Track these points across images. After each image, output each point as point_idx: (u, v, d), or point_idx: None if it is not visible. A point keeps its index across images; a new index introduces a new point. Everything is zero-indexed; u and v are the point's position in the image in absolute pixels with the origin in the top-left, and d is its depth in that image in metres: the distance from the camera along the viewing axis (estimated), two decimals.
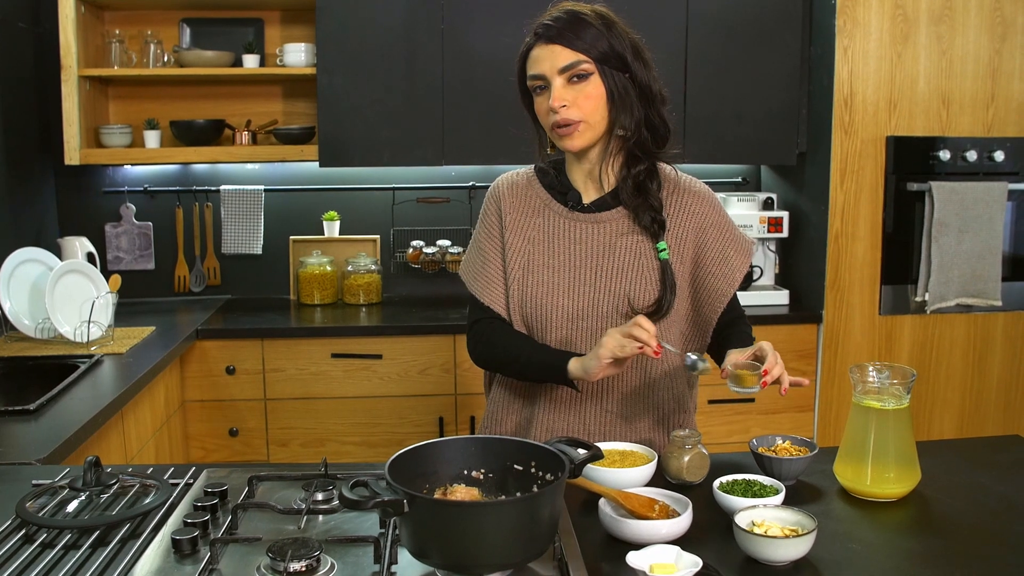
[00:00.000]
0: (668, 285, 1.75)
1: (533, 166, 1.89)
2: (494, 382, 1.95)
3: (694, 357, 1.68)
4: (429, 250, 3.79)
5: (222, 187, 3.76)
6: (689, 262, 1.81)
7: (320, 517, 1.42)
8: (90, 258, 3.34)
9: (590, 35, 1.67)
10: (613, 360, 1.62)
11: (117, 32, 3.54)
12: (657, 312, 1.75)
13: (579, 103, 1.68)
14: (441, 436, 3.26)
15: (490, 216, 1.87)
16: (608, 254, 1.78)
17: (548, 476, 1.32)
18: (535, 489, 1.31)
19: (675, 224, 1.79)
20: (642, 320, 1.60)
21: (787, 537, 1.29)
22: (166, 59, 3.59)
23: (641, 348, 1.58)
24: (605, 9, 1.73)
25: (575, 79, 1.68)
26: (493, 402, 1.93)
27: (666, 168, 1.82)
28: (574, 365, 1.69)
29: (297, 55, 3.53)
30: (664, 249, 1.76)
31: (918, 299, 3.46)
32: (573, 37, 1.66)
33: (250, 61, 3.55)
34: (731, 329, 1.83)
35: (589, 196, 1.82)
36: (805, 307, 3.58)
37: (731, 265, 1.81)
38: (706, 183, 1.85)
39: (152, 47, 3.55)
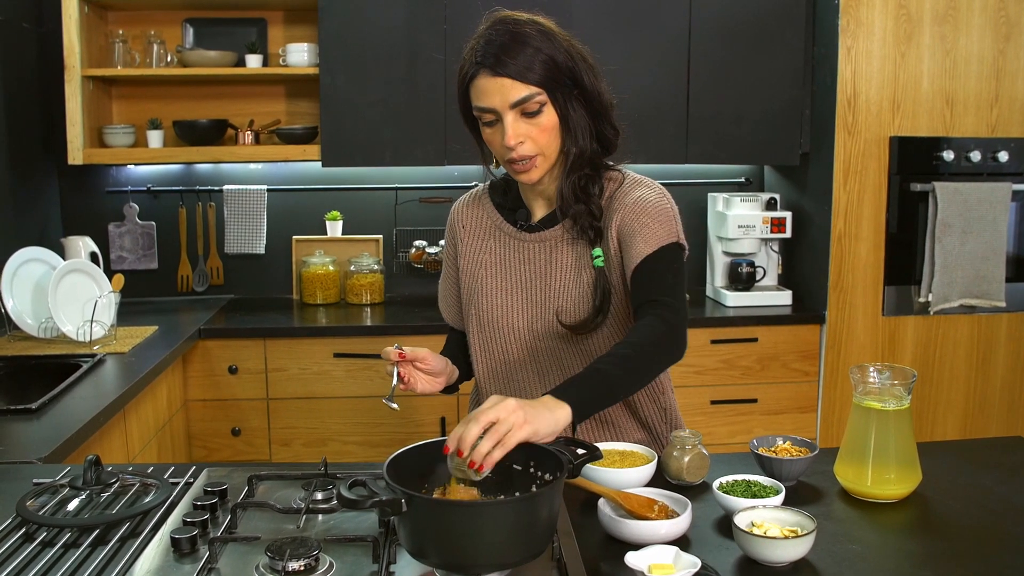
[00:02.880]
0: (600, 294, 1.68)
1: (488, 183, 1.86)
2: (471, 408, 1.94)
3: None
4: (432, 250, 3.79)
5: (225, 187, 3.76)
6: (620, 266, 1.71)
7: (319, 516, 1.42)
8: (93, 258, 3.34)
9: (536, 59, 1.56)
10: None
11: (120, 32, 3.55)
12: (585, 326, 1.68)
13: (534, 136, 1.60)
14: (443, 436, 3.26)
15: (448, 242, 1.92)
16: (552, 272, 1.74)
17: (547, 476, 1.31)
18: (534, 489, 1.31)
19: (607, 228, 1.70)
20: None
21: (786, 538, 1.29)
22: (169, 59, 3.60)
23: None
24: (542, 19, 1.64)
25: (528, 113, 1.59)
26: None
27: (614, 173, 1.74)
28: None
29: (300, 55, 3.53)
30: (598, 256, 1.68)
31: (921, 300, 3.46)
32: (520, 67, 1.55)
33: (253, 61, 3.55)
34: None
35: (540, 212, 1.78)
36: (808, 308, 3.57)
37: (635, 249, 1.63)
38: (709, 184, 1.78)
39: (155, 47, 3.55)
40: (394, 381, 1.64)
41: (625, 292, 1.70)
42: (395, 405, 1.62)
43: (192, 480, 1.58)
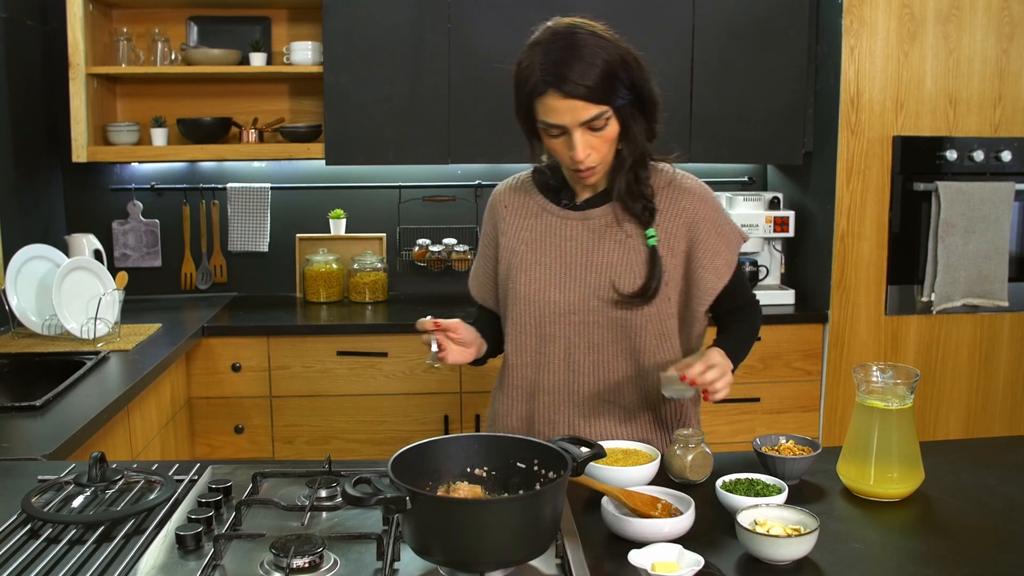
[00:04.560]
0: (655, 270, 1.77)
1: (532, 168, 1.94)
2: (497, 382, 1.98)
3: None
4: (435, 248, 3.80)
5: (229, 185, 3.77)
6: (681, 256, 1.82)
7: (323, 514, 1.42)
8: (97, 255, 3.35)
9: (601, 76, 1.64)
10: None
11: (125, 30, 3.55)
12: (642, 296, 1.77)
13: (598, 147, 1.70)
14: (446, 434, 3.26)
15: (487, 224, 1.98)
16: (597, 248, 1.81)
17: (551, 474, 1.32)
18: (538, 487, 1.32)
19: (666, 219, 1.81)
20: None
21: (789, 536, 1.29)
22: (173, 57, 3.60)
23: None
24: (593, 24, 1.71)
25: (594, 128, 1.68)
26: (496, 401, 1.96)
27: (660, 164, 1.85)
28: None
29: (304, 53, 3.54)
30: (653, 236, 1.78)
31: (924, 299, 3.46)
32: (590, 87, 1.63)
33: (257, 59, 3.55)
34: (726, 324, 1.91)
35: (585, 193, 1.86)
36: (811, 307, 3.57)
37: (722, 259, 1.83)
38: (712, 183, 1.88)
39: (159, 45, 3.56)
40: (434, 348, 1.74)
41: (679, 280, 1.82)
42: (439, 365, 1.76)
43: (196, 477, 1.59)
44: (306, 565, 1.22)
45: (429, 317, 1.74)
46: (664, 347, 1.83)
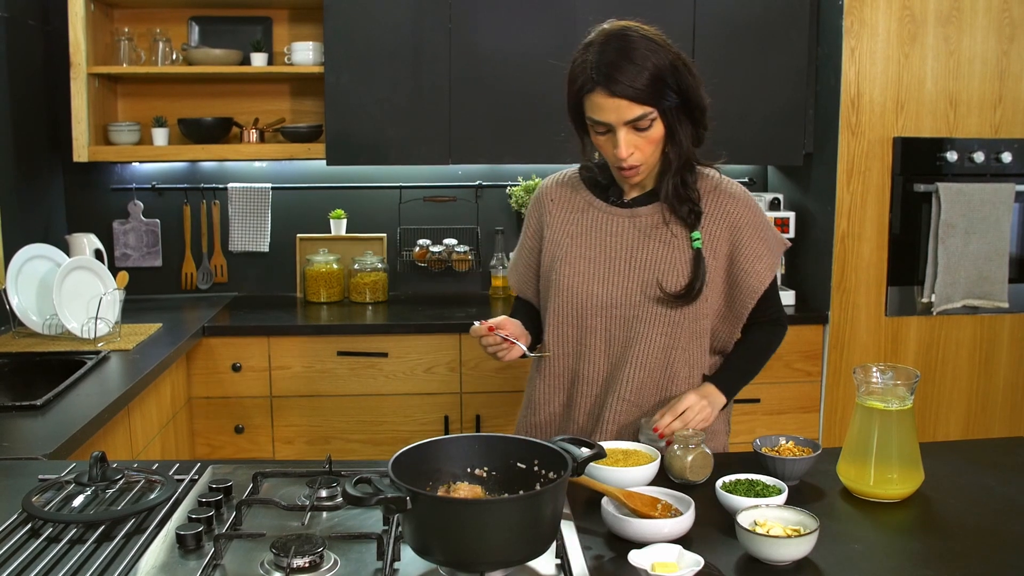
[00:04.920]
0: (699, 272, 1.83)
1: (578, 166, 1.99)
2: (534, 370, 2.03)
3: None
4: (435, 249, 3.80)
5: (230, 185, 3.77)
6: (723, 259, 1.88)
7: (324, 514, 1.42)
8: (98, 255, 3.35)
9: (649, 78, 1.69)
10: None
11: (126, 30, 3.55)
12: (687, 296, 1.83)
13: (642, 147, 1.76)
14: (446, 434, 3.26)
15: (531, 216, 2.03)
16: (642, 245, 1.87)
17: (551, 474, 1.32)
18: (538, 487, 1.32)
19: (710, 222, 1.87)
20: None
21: (789, 537, 1.30)
22: (175, 57, 3.61)
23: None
24: (647, 28, 1.78)
25: (639, 128, 1.74)
26: (534, 389, 2.00)
27: (706, 170, 1.91)
28: None
29: (305, 53, 3.54)
30: (698, 239, 1.85)
31: (924, 300, 3.46)
32: (637, 88, 1.69)
33: (258, 59, 3.56)
34: (742, 338, 1.98)
35: (633, 192, 1.91)
36: (811, 308, 3.58)
37: (763, 263, 1.89)
38: None
39: (161, 45, 3.56)
40: (522, 346, 1.85)
41: (720, 283, 1.89)
42: (547, 353, 1.93)
43: (197, 477, 1.59)
44: (306, 565, 1.22)
45: (479, 323, 1.82)
46: (695, 345, 1.90)
